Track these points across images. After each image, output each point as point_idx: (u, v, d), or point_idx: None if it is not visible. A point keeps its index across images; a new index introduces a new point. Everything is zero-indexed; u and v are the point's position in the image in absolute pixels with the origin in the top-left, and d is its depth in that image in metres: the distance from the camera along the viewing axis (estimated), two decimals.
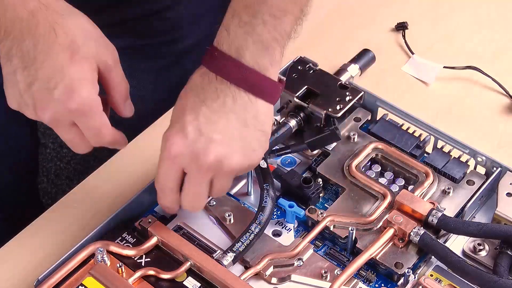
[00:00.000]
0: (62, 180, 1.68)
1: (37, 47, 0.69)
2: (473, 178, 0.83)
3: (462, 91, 0.98)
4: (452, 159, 0.84)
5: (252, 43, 0.70)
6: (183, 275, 0.76)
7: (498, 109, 0.96)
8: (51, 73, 0.69)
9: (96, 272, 0.74)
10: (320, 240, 0.80)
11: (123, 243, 0.78)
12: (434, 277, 0.76)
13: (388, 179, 0.84)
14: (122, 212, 0.79)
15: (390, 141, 0.85)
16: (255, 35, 0.70)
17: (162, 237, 0.77)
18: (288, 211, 0.80)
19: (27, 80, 0.70)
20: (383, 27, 1.05)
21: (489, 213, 0.82)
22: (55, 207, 0.86)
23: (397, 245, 0.77)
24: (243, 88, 0.70)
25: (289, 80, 0.87)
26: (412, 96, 0.97)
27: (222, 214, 0.80)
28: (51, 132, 1.73)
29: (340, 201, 0.81)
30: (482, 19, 1.07)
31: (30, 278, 0.78)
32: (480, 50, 1.02)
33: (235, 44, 0.70)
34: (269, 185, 0.79)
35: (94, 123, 0.72)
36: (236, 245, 0.76)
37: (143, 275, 0.75)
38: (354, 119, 0.88)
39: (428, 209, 0.77)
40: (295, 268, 0.76)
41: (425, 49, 1.02)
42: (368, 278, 0.77)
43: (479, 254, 0.78)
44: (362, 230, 0.78)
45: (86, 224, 0.83)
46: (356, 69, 0.95)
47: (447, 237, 0.79)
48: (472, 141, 0.84)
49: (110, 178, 0.88)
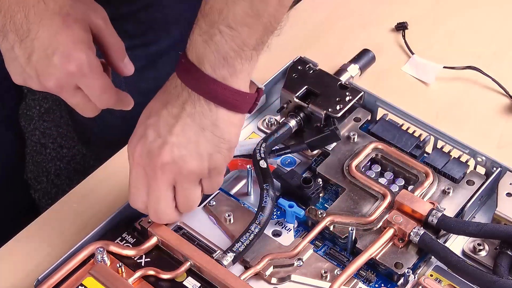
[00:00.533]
0: (62, 180, 1.68)
1: (29, 18, 0.71)
2: (473, 178, 0.83)
3: (462, 91, 0.98)
4: (452, 159, 0.84)
5: (210, 52, 0.69)
6: (183, 275, 0.76)
7: (498, 109, 0.96)
8: (47, 41, 0.71)
9: (96, 272, 0.74)
10: (320, 240, 0.80)
11: (123, 243, 0.78)
12: (434, 277, 0.76)
13: (388, 179, 0.84)
14: (122, 212, 0.79)
15: (390, 141, 0.85)
16: (213, 44, 0.69)
17: (162, 237, 0.77)
18: (288, 211, 0.80)
19: (26, 52, 0.71)
20: (383, 27, 1.05)
21: (489, 213, 0.82)
22: (55, 207, 0.86)
23: (397, 245, 0.77)
24: (203, 96, 0.70)
25: (289, 80, 0.87)
26: (412, 96, 0.97)
27: (222, 214, 0.80)
28: (51, 132, 1.73)
29: (340, 201, 0.81)
30: (482, 19, 1.06)
31: (30, 278, 0.78)
32: (480, 50, 1.02)
33: (196, 52, 0.70)
34: (269, 185, 0.79)
35: (96, 83, 0.73)
36: (236, 245, 0.76)
37: (143, 275, 0.75)
38: (354, 119, 0.88)
39: (428, 209, 0.77)
40: (295, 268, 0.76)
41: (425, 49, 1.02)
42: (368, 278, 0.77)
43: (479, 254, 0.78)
44: (362, 230, 0.78)
45: (86, 224, 0.83)
46: (356, 69, 0.95)
47: (447, 237, 0.79)
48: (472, 141, 0.84)
49: (110, 178, 0.88)
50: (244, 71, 0.71)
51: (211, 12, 0.69)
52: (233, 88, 0.70)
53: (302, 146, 0.84)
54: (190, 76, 0.70)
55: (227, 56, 0.69)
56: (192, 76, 0.70)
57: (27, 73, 0.73)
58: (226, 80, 0.70)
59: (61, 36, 0.71)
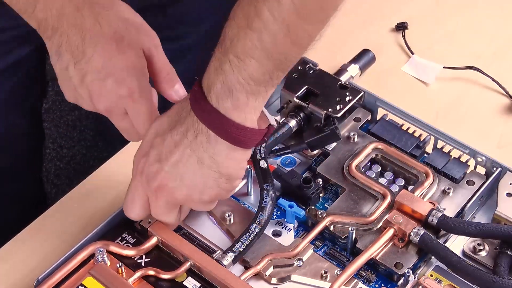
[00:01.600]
0: (62, 180, 1.68)
1: (85, 40, 0.73)
2: (473, 178, 0.83)
3: (462, 91, 0.98)
4: (452, 159, 0.84)
5: (218, 82, 0.68)
6: (183, 275, 0.76)
7: (498, 109, 0.96)
8: (101, 64, 0.73)
9: (96, 272, 0.74)
10: (320, 240, 0.80)
11: (123, 243, 0.78)
12: (434, 277, 0.76)
13: (388, 179, 0.84)
14: (122, 212, 0.79)
15: (390, 141, 0.85)
16: (222, 73, 0.67)
17: (162, 237, 0.77)
18: (288, 211, 0.80)
19: (80, 74, 0.73)
20: (383, 27, 1.05)
21: (489, 213, 0.82)
22: (55, 207, 0.86)
23: (397, 245, 0.77)
24: (205, 126, 0.69)
25: (289, 80, 0.87)
26: (412, 96, 0.97)
27: (222, 214, 0.80)
28: (51, 132, 1.73)
29: (340, 201, 0.81)
30: (482, 19, 1.06)
31: (30, 278, 0.78)
32: (480, 50, 1.02)
33: (208, 80, 0.69)
34: (269, 185, 0.79)
35: (143, 109, 0.74)
36: (236, 245, 0.76)
37: (143, 275, 0.75)
38: (354, 119, 0.88)
39: (428, 209, 0.77)
40: (295, 268, 0.76)
41: (425, 49, 1.02)
42: (368, 278, 0.77)
43: (479, 254, 0.78)
44: (362, 230, 0.78)
45: (86, 224, 0.83)
46: (356, 69, 0.95)
47: (447, 237, 0.79)
48: (472, 141, 0.84)
49: (110, 178, 0.88)
50: (249, 105, 0.69)
51: (225, 39, 0.67)
52: (235, 122, 0.69)
53: (302, 146, 0.84)
54: (197, 104, 0.69)
55: (233, 88, 0.67)
56: (198, 103, 0.69)
57: (79, 93, 0.74)
58: (228, 112, 0.68)
59: (115, 61, 0.73)
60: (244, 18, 0.65)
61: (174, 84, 0.77)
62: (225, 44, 0.67)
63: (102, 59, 0.73)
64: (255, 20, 0.65)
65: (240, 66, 0.66)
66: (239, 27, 0.66)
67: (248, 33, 0.65)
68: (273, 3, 0.64)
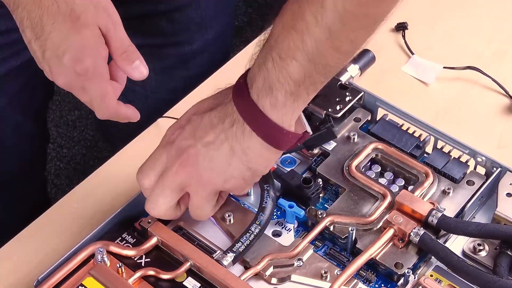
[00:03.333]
0: (62, 180, 1.68)
1: (43, 18, 0.73)
2: (473, 178, 0.83)
3: (462, 91, 0.98)
4: (452, 159, 0.84)
5: (260, 77, 0.69)
6: (183, 275, 0.76)
7: (498, 109, 0.96)
8: (58, 42, 0.73)
9: (96, 273, 0.74)
10: (320, 240, 0.80)
11: (123, 243, 0.78)
12: (434, 277, 0.76)
13: (388, 179, 0.84)
14: (122, 212, 0.79)
15: (390, 141, 0.85)
16: (265, 70, 0.68)
17: (162, 237, 0.77)
18: (288, 211, 0.80)
19: (41, 49, 0.74)
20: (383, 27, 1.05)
21: (489, 213, 0.82)
22: (55, 207, 0.86)
23: (397, 245, 0.77)
24: (243, 118, 0.70)
25: None
26: (412, 96, 0.97)
27: (222, 214, 0.80)
28: (51, 132, 1.73)
29: (340, 201, 0.81)
30: (482, 19, 1.06)
31: (30, 278, 0.78)
32: (480, 50, 1.02)
33: (251, 74, 0.70)
34: (269, 186, 0.79)
35: (97, 89, 0.74)
36: (236, 246, 0.76)
37: (143, 275, 0.75)
38: (354, 119, 0.88)
39: (428, 209, 0.77)
40: (295, 268, 0.76)
41: (425, 49, 1.02)
42: (368, 278, 0.77)
43: (479, 254, 0.78)
44: (362, 230, 0.78)
45: (86, 224, 0.83)
46: (356, 69, 0.95)
47: (447, 237, 0.79)
48: (472, 141, 0.84)
49: (110, 178, 0.88)
50: (287, 106, 0.69)
51: (270, 37, 0.68)
52: (271, 120, 0.69)
53: (300, 145, 0.84)
54: (238, 95, 0.70)
55: (273, 86, 0.68)
56: (240, 95, 0.70)
57: (42, 66, 0.75)
58: (266, 110, 0.69)
59: (71, 40, 0.73)
60: (290, 17, 0.66)
61: (133, 61, 0.76)
62: (270, 41, 0.68)
63: (59, 38, 0.73)
64: (299, 22, 0.65)
65: (281, 65, 0.67)
66: (284, 26, 0.67)
67: (292, 33, 0.66)
68: (317, 6, 0.64)
